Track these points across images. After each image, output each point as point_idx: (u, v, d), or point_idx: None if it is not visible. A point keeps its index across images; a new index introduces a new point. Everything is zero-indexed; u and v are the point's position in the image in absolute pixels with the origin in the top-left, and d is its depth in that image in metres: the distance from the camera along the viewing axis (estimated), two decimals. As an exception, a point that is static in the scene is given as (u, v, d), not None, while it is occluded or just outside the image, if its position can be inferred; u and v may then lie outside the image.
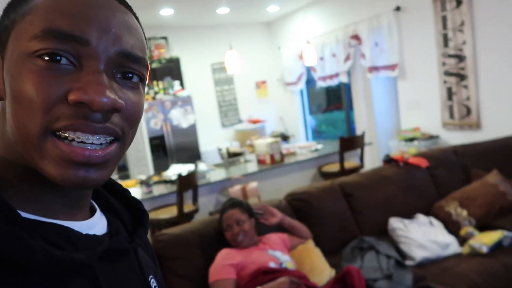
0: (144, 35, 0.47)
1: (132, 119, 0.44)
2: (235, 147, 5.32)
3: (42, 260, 0.38)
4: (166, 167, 4.76)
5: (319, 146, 4.23)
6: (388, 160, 2.84)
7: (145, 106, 5.37)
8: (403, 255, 2.30)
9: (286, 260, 2.00)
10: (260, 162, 3.78)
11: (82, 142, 0.40)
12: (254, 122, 6.36)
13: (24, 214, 0.41)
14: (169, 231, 2.12)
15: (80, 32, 0.39)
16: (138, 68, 0.44)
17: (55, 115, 0.39)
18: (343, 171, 3.61)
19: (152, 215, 3.03)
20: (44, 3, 0.40)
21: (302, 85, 6.22)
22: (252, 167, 3.76)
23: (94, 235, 0.46)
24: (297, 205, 2.39)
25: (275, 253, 2.01)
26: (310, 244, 2.24)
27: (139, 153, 5.33)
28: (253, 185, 3.43)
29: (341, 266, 2.16)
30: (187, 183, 3.01)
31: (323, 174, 3.84)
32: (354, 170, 3.69)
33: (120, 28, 0.42)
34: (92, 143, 0.40)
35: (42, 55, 0.39)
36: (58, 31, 0.39)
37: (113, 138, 0.42)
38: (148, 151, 5.29)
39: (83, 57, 0.40)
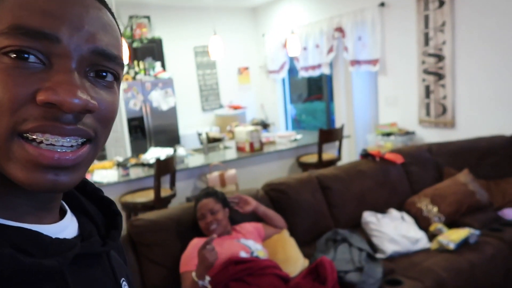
0: (120, 31, 0.46)
1: (106, 119, 0.42)
2: (215, 132, 5.31)
3: (10, 268, 0.36)
4: (144, 149, 4.71)
5: (299, 136, 4.27)
6: (365, 155, 2.90)
7: (125, 86, 5.26)
8: (374, 248, 2.37)
9: (257, 249, 2.03)
10: (240, 149, 3.79)
11: (51, 144, 0.38)
12: (235, 108, 6.33)
13: None
14: (145, 216, 2.11)
15: (50, 29, 0.37)
16: (113, 67, 0.42)
17: (23, 116, 0.36)
18: (321, 163, 3.66)
19: (129, 198, 3.01)
20: None
21: (284, 73, 6.22)
22: (231, 154, 3.77)
23: (65, 239, 0.43)
24: (275, 195, 2.42)
25: (247, 242, 2.04)
26: (285, 234, 2.28)
27: (116, 133, 5.23)
28: (231, 172, 3.44)
29: (315, 257, 2.21)
30: (165, 167, 3.00)
31: (301, 165, 3.89)
32: (332, 162, 3.76)
33: (94, 25, 0.40)
34: (62, 145, 0.38)
35: (8, 53, 0.36)
36: (26, 28, 0.36)
37: (85, 139, 0.40)
38: (126, 132, 5.20)
39: (53, 56, 0.38)
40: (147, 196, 3.02)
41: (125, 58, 3.31)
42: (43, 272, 0.39)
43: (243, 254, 1.93)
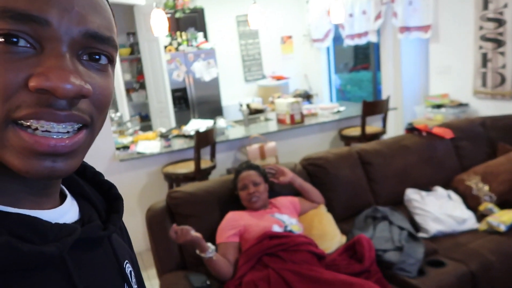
0: (112, 11, 0.43)
1: (101, 104, 0.41)
2: (256, 103, 5.27)
3: (7, 256, 0.36)
4: (187, 120, 4.78)
5: (342, 108, 4.13)
6: (411, 129, 2.75)
7: (168, 57, 5.31)
8: (417, 227, 2.28)
9: (292, 223, 2.01)
10: (280, 121, 3.74)
11: (47, 131, 0.36)
12: (278, 78, 6.23)
13: None
14: (183, 188, 2.15)
15: (39, 11, 0.35)
16: (106, 49, 0.41)
17: (16, 103, 0.35)
18: (364, 136, 3.54)
19: (170, 169, 3.08)
20: None
21: (329, 42, 5.99)
22: (272, 126, 3.73)
23: (65, 224, 0.42)
24: (312, 170, 2.37)
25: (282, 216, 2.03)
26: (322, 209, 2.24)
27: (161, 104, 5.34)
28: (271, 144, 3.41)
29: (353, 234, 2.16)
30: (204, 139, 3.02)
31: (343, 138, 3.78)
32: (376, 135, 3.61)
33: (84, 6, 0.38)
34: (58, 132, 0.37)
35: (5, 36, 0.35)
36: (14, 11, 0.34)
37: (81, 125, 0.39)
38: (170, 103, 5.29)
39: (43, 39, 0.36)
40: (188, 167, 3.07)
41: (165, 29, 3.31)
42: (43, 259, 0.38)
43: (277, 228, 1.93)
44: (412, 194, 2.39)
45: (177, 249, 2.04)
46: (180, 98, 5.58)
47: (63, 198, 0.48)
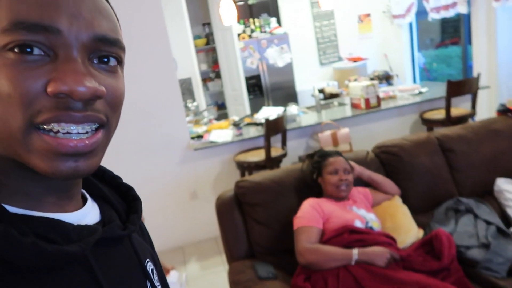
0: (115, 14, 0.46)
1: (114, 103, 0.44)
2: (331, 87, 5.10)
3: (34, 256, 0.38)
4: (261, 107, 4.81)
5: (424, 89, 3.81)
6: (503, 111, 2.43)
7: (241, 45, 5.35)
8: (508, 221, 2.02)
9: (371, 219, 1.91)
10: (354, 106, 3.56)
11: (67, 133, 0.39)
12: (355, 60, 5.95)
13: (12, 209, 0.41)
14: (250, 178, 2.16)
15: (50, 20, 0.38)
16: (115, 51, 0.43)
17: (36, 108, 0.38)
18: (449, 119, 3.23)
19: (242, 157, 3.12)
20: None
21: (411, 17, 5.53)
22: (346, 111, 3.58)
23: (86, 225, 0.45)
24: (386, 158, 2.22)
25: (360, 211, 1.93)
26: (397, 200, 2.09)
27: (235, 91, 5.44)
28: (344, 131, 3.28)
29: (431, 228, 2.00)
30: (274, 127, 3.00)
31: (425, 121, 3.49)
32: (463, 118, 3.27)
33: (91, 11, 0.41)
34: (78, 133, 0.40)
35: (12, 48, 0.37)
36: (26, 22, 0.37)
37: (98, 125, 0.42)
38: (244, 90, 5.36)
39: (56, 47, 0.39)
40: (259, 155, 3.09)
41: (234, 17, 3.32)
42: (67, 258, 0.41)
43: (359, 224, 1.84)
44: (503, 184, 2.13)
45: (245, 238, 2.07)
46: (254, 85, 5.62)
47: (84, 201, 0.50)
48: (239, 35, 5.39)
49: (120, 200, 0.56)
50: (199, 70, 5.59)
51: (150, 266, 0.55)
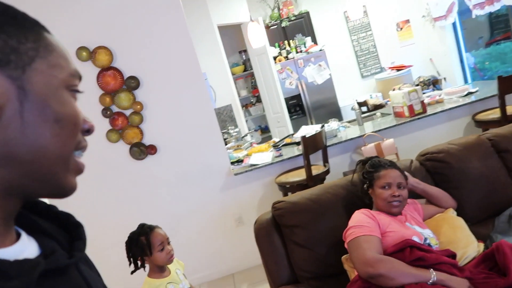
0: None
1: None
2: (375, 99, 4.92)
3: None
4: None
5: (474, 90, 3.54)
6: None
7: (278, 67, 5.36)
8: None
9: (429, 235, 1.72)
10: (397, 115, 3.38)
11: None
12: (398, 68, 5.72)
13: None
14: (287, 198, 2.07)
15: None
16: None
17: (79, 138, 0.48)
18: (505, 118, 2.95)
19: (283, 179, 3.05)
20: (58, 46, 0.48)
21: (453, 18, 5.26)
22: (389, 121, 3.40)
23: (26, 259, 0.42)
24: (432, 166, 2.04)
25: (414, 227, 1.75)
26: (451, 212, 1.90)
27: (277, 114, 5.42)
28: (389, 142, 3.10)
29: (492, 239, 1.78)
30: (313, 144, 2.90)
31: (479, 123, 3.22)
32: (522, 115, 2.97)
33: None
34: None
35: (75, 90, 0.49)
36: (78, 74, 0.50)
37: None
38: (285, 112, 5.32)
39: None
40: (300, 175, 2.99)
41: (262, 40, 3.33)
42: None
43: (417, 240, 1.66)
44: None
45: (286, 262, 1.97)
46: (296, 105, 5.57)
47: (17, 238, 0.47)
48: (275, 58, 5.41)
49: (60, 230, 0.53)
50: (239, 96, 5.66)
51: None
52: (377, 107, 4.46)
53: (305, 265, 1.91)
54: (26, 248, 0.45)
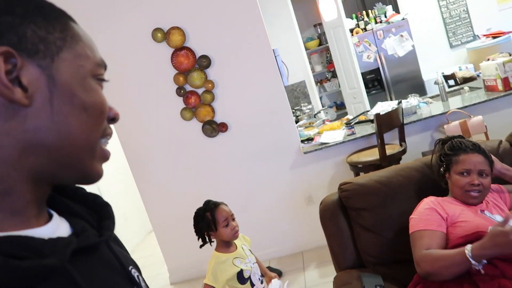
0: None
1: None
2: (465, 71, 4.45)
3: (8, 275, 0.37)
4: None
5: None
6: None
7: (355, 40, 5.08)
8: None
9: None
10: (489, 89, 3.01)
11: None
12: (495, 35, 5.08)
13: None
14: (354, 179, 1.98)
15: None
16: None
17: (105, 125, 0.49)
18: None
19: (354, 158, 2.92)
20: (84, 36, 0.49)
21: None
22: (479, 96, 3.05)
23: (59, 238, 0.44)
24: (526, 148, 1.79)
25: (494, 216, 1.56)
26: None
27: (353, 90, 5.17)
28: (476, 119, 2.79)
29: None
30: (387, 122, 2.72)
31: None
32: None
33: None
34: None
35: (101, 79, 0.50)
36: (104, 63, 0.51)
37: None
38: (362, 87, 5.06)
39: None
40: (374, 154, 2.84)
41: (333, 12, 3.15)
42: (45, 272, 0.39)
43: None
44: None
45: (352, 246, 1.90)
46: (373, 80, 5.27)
47: (49, 219, 0.48)
48: (352, 30, 5.13)
49: (88, 210, 0.54)
50: (314, 72, 5.51)
51: (134, 272, 0.54)
52: (467, 80, 4.03)
53: (372, 249, 1.82)
54: (58, 227, 0.47)
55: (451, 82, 4.23)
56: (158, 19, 3.03)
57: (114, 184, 4.36)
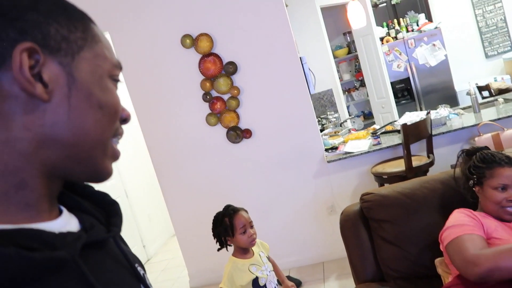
0: None
1: None
2: (501, 82, 4.29)
3: (21, 266, 0.38)
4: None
5: None
6: None
7: (386, 48, 5.00)
8: None
9: None
10: (525, 101, 2.88)
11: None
12: (534, 46, 4.89)
13: None
14: (377, 190, 1.94)
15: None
16: None
17: (117, 125, 0.51)
18: None
19: (380, 168, 2.85)
20: (103, 37, 0.50)
21: None
22: (513, 108, 2.93)
23: (69, 232, 0.46)
24: (561, 163, 1.69)
25: None
26: None
27: (382, 99, 5.08)
28: (510, 132, 2.67)
29: None
30: (415, 133, 2.65)
31: None
32: None
33: None
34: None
35: (116, 80, 0.51)
36: (120, 65, 0.52)
37: None
38: (391, 96, 4.96)
39: None
40: (399, 165, 2.76)
41: (362, 20, 3.12)
42: (56, 264, 0.40)
43: None
44: None
45: (372, 258, 1.85)
46: (403, 90, 5.16)
47: (59, 214, 0.50)
48: (382, 38, 5.05)
49: (97, 208, 0.56)
50: (342, 80, 5.45)
51: (140, 270, 0.55)
52: (502, 91, 3.88)
53: (393, 263, 1.77)
54: (68, 222, 0.48)
55: (485, 93, 4.08)
56: (187, 25, 3.09)
57: (140, 187, 4.45)
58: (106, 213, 0.56)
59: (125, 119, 0.52)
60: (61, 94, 0.44)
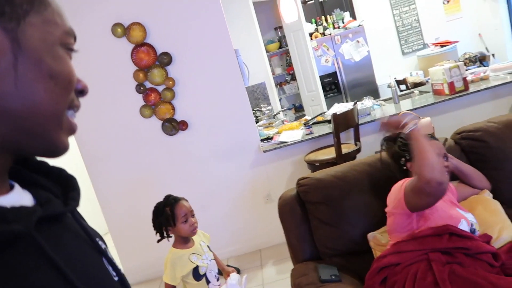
0: None
1: None
2: (415, 77, 4.70)
3: None
4: (338, 105, 4.61)
5: (524, 66, 3.28)
6: None
7: (314, 44, 5.22)
8: None
9: (473, 220, 1.61)
10: (437, 92, 3.21)
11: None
12: (443, 44, 5.41)
13: None
14: (312, 175, 2.05)
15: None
16: None
17: (72, 96, 0.48)
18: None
19: (312, 157, 3.00)
20: (53, 2, 0.47)
21: (506, -12, 4.87)
22: (427, 99, 3.24)
23: (22, 206, 0.44)
24: (468, 145, 1.93)
25: (460, 210, 1.65)
26: (486, 194, 1.80)
27: (311, 92, 5.31)
28: (424, 121, 2.95)
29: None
30: (344, 122, 2.83)
31: (527, 102, 3.00)
32: None
33: None
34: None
35: (70, 49, 0.48)
36: (73, 33, 0.49)
37: None
38: (320, 90, 5.21)
39: None
40: (330, 153, 2.93)
41: (294, 14, 3.24)
42: (11, 238, 0.39)
43: (464, 226, 1.55)
44: None
45: (309, 239, 1.95)
46: (331, 83, 5.44)
47: (10, 189, 0.47)
48: (311, 34, 5.27)
49: (53, 183, 0.53)
50: (274, 74, 5.59)
51: (102, 244, 0.54)
52: (417, 85, 4.26)
53: (329, 242, 1.89)
54: (21, 198, 0.46)
55: (403, 87, 4.45)
56: (119, 14, 2.97)
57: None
58: (63, 188, 0.54)
59: (82, 91, 0.49)
60: (7, 63, 0.40)
